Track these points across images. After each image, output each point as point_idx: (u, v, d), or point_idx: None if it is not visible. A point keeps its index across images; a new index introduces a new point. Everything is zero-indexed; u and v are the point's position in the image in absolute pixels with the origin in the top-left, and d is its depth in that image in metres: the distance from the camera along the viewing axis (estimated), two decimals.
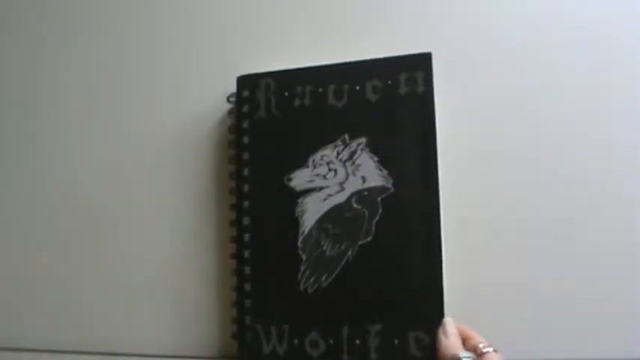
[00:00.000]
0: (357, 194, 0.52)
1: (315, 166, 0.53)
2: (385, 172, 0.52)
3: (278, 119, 0.55)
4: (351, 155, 0.53)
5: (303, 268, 0.52)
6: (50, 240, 0.64)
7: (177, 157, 0.63)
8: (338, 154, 0.53)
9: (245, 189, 0.55)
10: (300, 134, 0.55)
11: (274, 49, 0.62)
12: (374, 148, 0.52)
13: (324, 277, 0.52)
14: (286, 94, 0.55)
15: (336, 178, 0.53)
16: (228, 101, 0.59)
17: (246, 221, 0.55)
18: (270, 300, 0.53)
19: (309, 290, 0.52)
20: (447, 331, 0.47)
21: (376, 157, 0.52)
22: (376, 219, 0.51)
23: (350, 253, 0.51)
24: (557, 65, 0.57)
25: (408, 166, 0.51)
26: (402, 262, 0.51)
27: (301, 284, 0.52)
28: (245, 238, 0.55)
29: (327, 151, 0.53)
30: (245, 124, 0.56)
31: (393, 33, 0.60)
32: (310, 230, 0.53)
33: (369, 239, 0.51)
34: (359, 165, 0.53)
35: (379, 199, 0.51)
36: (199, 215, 0.61)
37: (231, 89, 0.58)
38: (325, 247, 0.52)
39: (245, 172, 0.56)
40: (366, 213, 0.52)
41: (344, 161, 0.53)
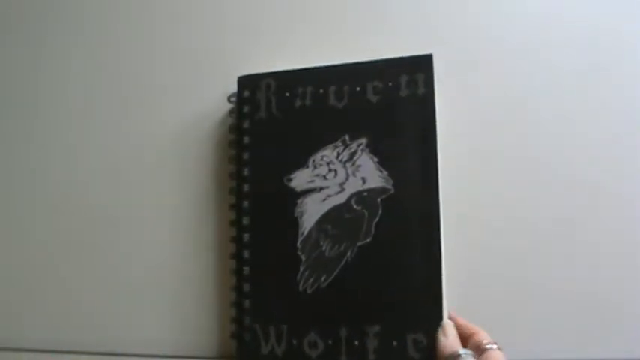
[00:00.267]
0: (357, 195, 0.52)
1: (316, 167, 0.53)
2: (385, 174, 0.52)
3: (278, 119, 0.55)
4: (352, 156, 0.53)
5: (302, 268, 0.52)
6: (50, 240, 0.64)
7: (178, 157, 0.63)
8: (338, 154, 0.53)
9: (245, 189, 0.55)
10: (301, 135, 0.55)
11: (275, 49, 0.62)
12: (374, 149, 0.52)
13: (323, 278, 0.52)
14: (287, 94, 0.55)
15: (336, 178, 0.53)
16: (228, 101, 0.59)
17: (246, 221, 0.55)
18: (269, 300, 0.53)
19: (308, 291, 0.52)
20: (447, 332, 0.47)
21: (376, 158, 0.52)
22: (376, 220, 0.51)
23: (349, 254, 0.51)
24: (557, 65, 0.57)
25: (408, 168, 0.51)
26: (401, 263, 0.50)
27: (300, 285, 0.52)
28: (244, 238, 0.55)
29: (328, 152, 0.53)
30: (245, 124, 0.56)
31: (394, 34, 0.60)
32: (310, 231, 0.53)
33: (368, 240, 0.51)
34: (359, 166, 0.52)
35: (379, 200, 0.51)
36: (199, 215, 0.61)
37: (232, 89, 0.58)
38: (324, 247, 0.52)
39: (245, 172, 0.55)
40: (366, 214, 0.51)
41: (344, 162, 0.53)
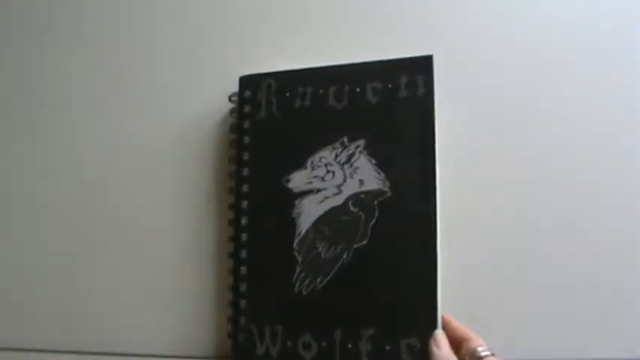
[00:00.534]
0: (354, 197, 0.52)
1: (314, 168, 0.53)
2: (383, 176, 0.52)
3: (279, 120, 0.55)
4: (350, 158, 0.53)
5: (298, 269, 0.52)
6: (50, 240, 0.65)
7: (178, 156, 0.63)
8: (336, 156, 0.53)
9: (244, 189, 0.55)
10: (300, 135, 0.55)
11: (276, 49, 0.62)
12: (372, 150, 0.52)
13: (318, 280, 0.52)
14: (287, 94, 0.56)
15: (334, 180, 0.53)
16: (229, 101, 0.59)
17: (244, 221, 0.55)
18: (265, 301, 0.53)
19: (303, 292, 0.52)
20: (440, 343, 0.46)
21: (374, 160, 0.52)
22: (372, 222, 0.51)
23: (345, 256, 0.51)
24: (557, 65, 0.57)
25: (405, 170, 0.51)
26: (396, 266, 0.50)
27: (296, 286, 0.52)
28: (242, 238, 0.55)
29: (326, 153, 0.53)
30: (246, 124, 0.56)
31: (394, 35, 0.60)
32: (306, 232, 0.53)
33: (364, 243, 0.51)
34: (357, 168, 0.52)
35: (376, 202, 0.51)
36: (199, 215, 0.61)
37: (233, 89, 0.58)
38: (321, 249, 0.52)
39: (244, 172, 0.56)
40: (363, 216, 0.51)
41: (342, 163, 0.53)
